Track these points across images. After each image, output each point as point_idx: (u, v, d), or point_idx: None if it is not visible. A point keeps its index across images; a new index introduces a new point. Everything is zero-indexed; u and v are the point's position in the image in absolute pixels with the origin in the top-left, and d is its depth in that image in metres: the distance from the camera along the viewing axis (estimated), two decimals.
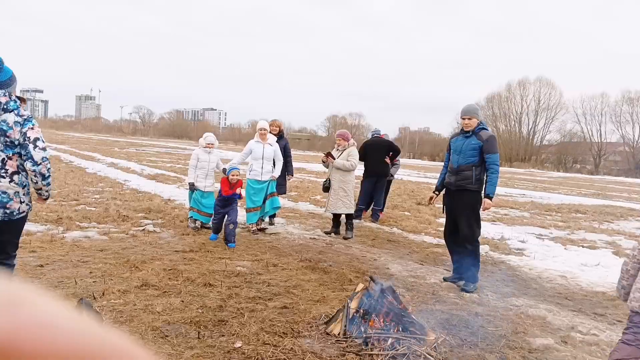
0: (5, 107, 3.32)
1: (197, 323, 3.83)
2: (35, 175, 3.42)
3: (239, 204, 9.33)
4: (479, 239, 5.71)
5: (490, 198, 5.47)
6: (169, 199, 10.41)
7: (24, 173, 3.48)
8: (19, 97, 3.46)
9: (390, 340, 3.58)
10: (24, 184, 3.49)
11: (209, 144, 7.72)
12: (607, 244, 8.88)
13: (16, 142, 3.37)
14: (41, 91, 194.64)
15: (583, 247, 8.37)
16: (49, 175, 3.43)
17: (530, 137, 67.90)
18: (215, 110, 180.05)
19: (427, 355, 3.50)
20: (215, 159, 7.79)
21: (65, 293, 4.28)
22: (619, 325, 4.65)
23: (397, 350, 3.50)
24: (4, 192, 3.38)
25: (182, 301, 4.31)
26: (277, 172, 7.89)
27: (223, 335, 3.65)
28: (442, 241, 7.29)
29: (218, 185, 7.20)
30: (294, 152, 8.26)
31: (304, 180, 17.30)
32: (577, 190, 24.19)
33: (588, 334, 4.32)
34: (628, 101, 62.14)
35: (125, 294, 4.38)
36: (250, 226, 7.68)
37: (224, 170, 7.80)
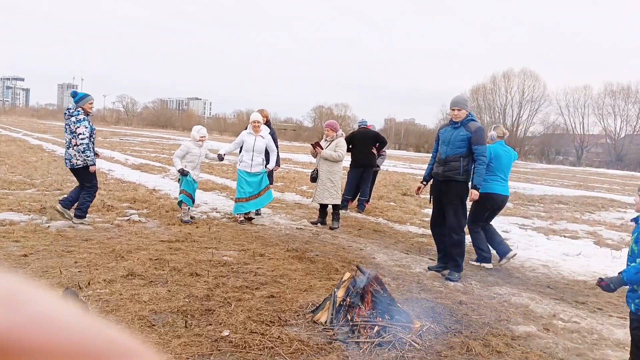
0: (72, 113, 6.51)
1: (184, 312, 3.83)
2: (79, 151, 6.45)
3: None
4: (464, 229, 5.78)
5: (478, 189, 5.53)
6: (154, 189, 10.33)
7: (77, 147, 6.47)
8: (83, 108, 6.53)
9: (376, 328, 3.62)
10: (79, 150, 6.46)
11: (202, 136, 7.63)
12: (588, 234, 9.03)
13: (75, 132, 6.45)
14: (22, 79, 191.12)
15: (565, 237, 8.51)
16: (84, 151, 6.45)
17: (514, 129, 68.47)
18: (200, 99, 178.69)
19: (412, 343, 3.55)
20: (204, 151, 7.75)
21: (50, 283, 4.25)
22: (599, 313, 4.76)
23: (383, 337, 3.54)
24: (71, 155, 6.52)
25: (169, 290, 4.30)
26: (272, 164, 7.91)
27: (210, 324, 3.66)
28: (427, 231, 7.36)
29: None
30: (280, 143, 8.24)
31: (290, 171, 17.27)
32: (559, 182, 24.51)
33: (569, 322, 4.41)
34: (610, 94, 62.93)
35: (111, 284, 4.36)
36: (237, 216, 7.67)
37: (219, 156, 7.77)
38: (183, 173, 7.40)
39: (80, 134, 6.40)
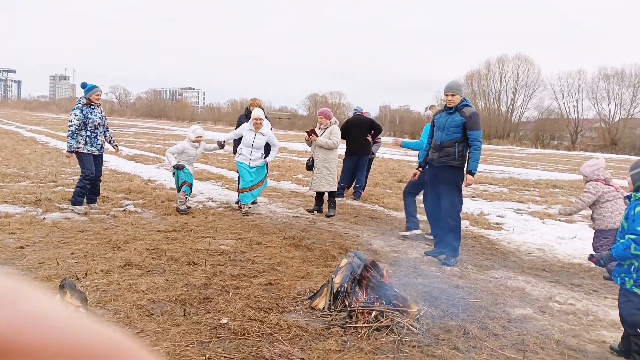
0: (77, 103, 7.06)
1: (183, 301, 3.84)
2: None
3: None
4: (460, 214, 5.80)
5: (473, 174, 5.53)
6: (149, 180, 10.30)
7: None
8: (88, 99, 6.95)
9: (373, 313, 3.64)
10: (73, 137, 6.90)
11: (198, 137, 7.52)
12: (583, 217, 9.07)
13: None
14: (13, 71, 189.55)
15: (560, 220, 8.56)
16: (72, 138, 6.82)
17: (509, 114, 68.34)
18: (194, 89, 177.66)
19: (410, 327, 3.58)
20: (200, 151, 7.72)
21: (48, 274, 4.25)
22: (594, 295, 4.81)
23: (380, 322, 3.57)
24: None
25: (167, 280, 4.31)
26: (271, 158, 7.87)
27: (209, 312, 3.67)
28: (423, 217, 7.38)
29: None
30: (275, 132, 8.20)
31: (286, 160, 17.26)
32: (554, 166, 24.59)
33: (565, 304, 4.45)
34: (604, 78, 62.64)
35: (109, 274, 4.36)
36: (242, 207, 7.62)
37: (219, 143, 7.72)
38: (178, 168, 7.31)
39: (70, 121, 6.98)
